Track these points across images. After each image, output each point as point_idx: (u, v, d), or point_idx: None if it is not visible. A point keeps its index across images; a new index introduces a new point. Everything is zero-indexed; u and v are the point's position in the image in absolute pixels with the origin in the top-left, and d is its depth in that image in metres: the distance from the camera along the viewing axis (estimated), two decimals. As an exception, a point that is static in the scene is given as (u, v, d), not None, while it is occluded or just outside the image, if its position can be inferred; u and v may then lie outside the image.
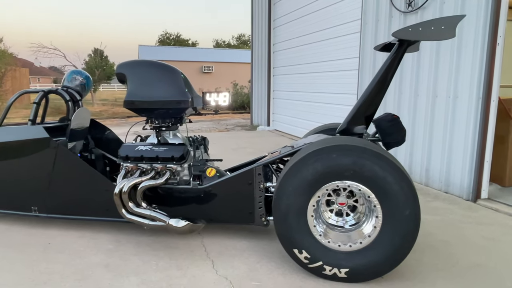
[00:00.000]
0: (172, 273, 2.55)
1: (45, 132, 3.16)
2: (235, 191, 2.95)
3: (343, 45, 6.69)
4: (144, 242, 3.05)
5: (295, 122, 8.92)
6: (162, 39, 58.00)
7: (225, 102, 3.17)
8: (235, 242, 3.02)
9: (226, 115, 16.85)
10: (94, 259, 2.76)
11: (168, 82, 3.09)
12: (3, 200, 3.38)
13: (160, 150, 3.02)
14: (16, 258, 2.79)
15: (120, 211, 2.95)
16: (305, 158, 2.34)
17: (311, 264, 2.40)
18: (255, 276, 2.50)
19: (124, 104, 3.11)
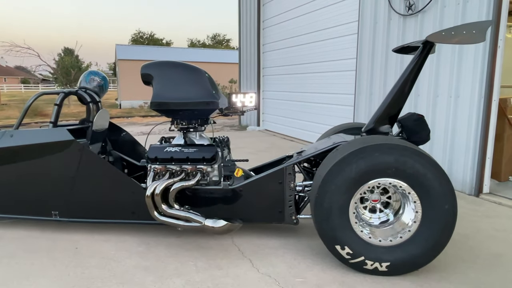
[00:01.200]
0: (214, 273, 2.57)
1: (69, 134, 3.09)
2: (265, 191, 2.99)
3: (338, 47, 6.84)
4: (174, 243, 3.04)
5: (286, 122, 9.03)
6: (135, 38, 56.90)
7: (251, 102, 3.21)
8: (266, 241, 3.07)
9: (209, 115, 16.80)
10: (129, 262, 2.74)
11: (196, 83, 3.10)
12: (22, 205, 3.28)
13: (190, 151, 3.03)
14: (47, 263, 2.73)
15: (152, 214, 2.94)
16: (348, 157, 2.42)
17: (352, 260, 2.49)
18: (296, 273, 2.56)
19: (151, 105, 3.09)
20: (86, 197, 3.18)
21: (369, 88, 5.98)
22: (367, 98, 6.02)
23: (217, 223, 2.75)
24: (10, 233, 3.27)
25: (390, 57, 5.52)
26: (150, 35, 57.12)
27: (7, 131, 3.24)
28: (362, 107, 6.16)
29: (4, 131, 3.25)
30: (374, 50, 5.82)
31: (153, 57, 21.89)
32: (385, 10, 5.57)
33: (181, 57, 22.63)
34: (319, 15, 7.24)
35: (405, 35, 5.25)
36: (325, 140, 3.31)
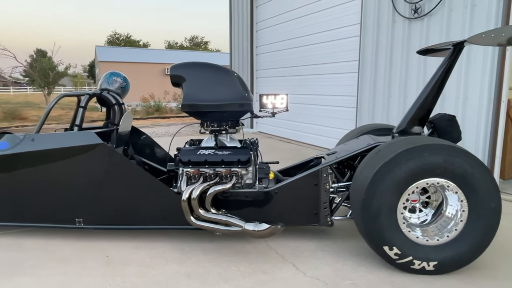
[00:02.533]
0: (260, 277, 2.52)
1: (98, 138, 2.96)
2: (301, 193, 2.97)
3: (339, 49, 6.91)
4: (210, 248, 2.97)
5: (282, 124, 9.03)
6: (111, 40, 55.77)
7: (282, 104, 3.18)
8: (301, 244, 3.04)
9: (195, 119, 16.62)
10: (168, 269, 2.65)
11: (228, 84, 3.05)
12: (42, 212, 3.12)
13: (225, 154, 2.97)
14: (82, 273, 2.60)
15: (188, 218, 2.86)
16: (397, 157, 2.43)
17: (400, 260, 2.50)
18: (343, 275, 2.55)
19: (182, 107, 3.02)
20: (114, 203, 3.06)
21: (372, 90, 6.06)
22: (370, 100, 6.10)
23: (259, 227, 2.71)
24: (30, 243, 3.10)
25: (394, 59, 5.62)
26: (126, 37, 56.14)
27: (28, 134, 3.08)
28: (365, 109, 6.23)
29: (24, 134, 3.09)
30: (378, 53, 5.91)
31: (134, 59, 21.52)
32: (389, 13, 5.67)
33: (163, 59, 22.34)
34: (318, 17, 7.29)
35: (410, 38, 5.36)
36: (355, 141, 3.32)
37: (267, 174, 3.04)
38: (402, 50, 5.49)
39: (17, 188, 3.10)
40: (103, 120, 3.87)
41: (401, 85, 5.55)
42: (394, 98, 5.68)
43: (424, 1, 5.06)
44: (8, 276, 2.58)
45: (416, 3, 5.14)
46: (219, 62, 14.39)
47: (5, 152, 3.05)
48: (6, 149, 3.17)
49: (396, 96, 5.65)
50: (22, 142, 3.04)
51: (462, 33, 4.64)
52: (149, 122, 14.92)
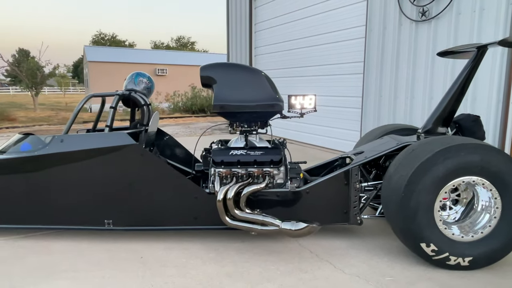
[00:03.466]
0: (301, 276, 2.56)
1: (130, 138, 2.95)
2: (331, 192, 3.02)
3: (343, 50, 6.99)
4: (243, 248, 2.98)
5: (283, 125, 9.07)
6: (96, 40, 54.93)
7: (310, 105, 3.21)
8: (331, 242, 3.08)
9: (189, 119, 16.55)
10: (208, 270, 2.65)
11: (259, 85, 3.07)
12: (69, 214, 3.08)
13: (257, 154, 2.99)
14: (120, 275, 2.59)
15: (223, 218, 2.87)
16: (434, 156, 2.50)
17: (436, 256, 2.56)
18: (381, 272, 2.60)
19: (213, 108, 3.02)
20: (145, 204, 3.04)
21: (378, 91, 6.16)
22: (376, 101, 6.20)
23: (297, 226, 2.73)
24: (58, 246, 3.06)
25: (401, 61, 5.73)
26: (112, 37, 55.40)
27: (56, 136, 3.04)
28: (371, 110, 6.33)
29: (53, 136, 3.05)
30: (384, 54, 6.02)
31: (124, 59, 21.27)
32: (395, 15, 5.78)
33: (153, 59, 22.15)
34: (322, 19, 7.36)
35: (417, 40, 5.48)
36: (379, 141, 3.38)
37: (299, 174, 3.07)
38: (409, 52, 5.60)
39: (44, 189, 3.05)
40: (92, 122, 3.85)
41: (408, 86, 5.66)
42: (401, 99, 5.79)
43: (432, 4, 5.18)
44: (45, 279, 2.54)
45: (424, 6, 5.26)
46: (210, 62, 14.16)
47: (32, 154, 3.01)
48: (29, 150, 3.13)
49: (402, 98, 5.76)
50: (50, 143, 3.00)
51: (470, 37, 4.77)
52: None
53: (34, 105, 19.00)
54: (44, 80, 19.22)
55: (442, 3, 5.07)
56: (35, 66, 18.69)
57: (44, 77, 19.03)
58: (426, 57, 5.38)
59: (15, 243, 3.11)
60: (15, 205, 3.09)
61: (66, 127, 3.11)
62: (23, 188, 3.05)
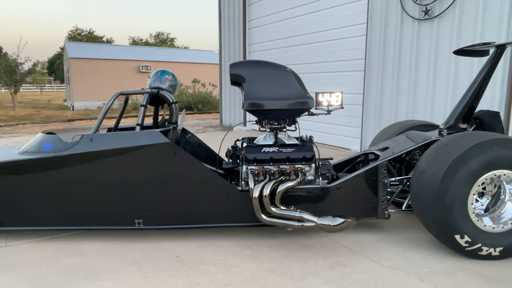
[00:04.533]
0: (342, 270, 2.61)
1: (164, 137, 2.92)
2: (361, 188, 3.09)
3: (342, 48, 7.10)
4: (276, 245, 3.02)
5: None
6: (72, 36, 53.44)
7: (337, 102, 3.27)
8: (360, 236, 3.15)
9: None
10: (249, 266, 2.67)
11: (289, 82, 3.11)
12: (98, 215, 3.03)
13: (290, 151, 3.02)
14: (162, 274, 2.58)
15: (259, 215, 2.89)
16: (469, 152, 2.60)
17: (469, 247, 2.67)
18: (417, 264, 2.68)
19: (245, 105, 3.03)
20: (176, 202, 3.03)
21: (379, 89, 6.29)
22: (378, 97, 6.33)
23: (335, 221, 2.79)
24: (89, 247, 3.01)
25: (403, 59, 5.87)
26: (89, 33, 54.01)
27: (85, 135, 2.98)
28: (372, 107, 6.46)
29: (82, 135, 2.99)
30: (385, 52, 6.14)
31: (108, 56, 20.82)
32: (397, 13, 5.91)
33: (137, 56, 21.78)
34: (321, 16, 7.44)
35: (419, 39, 5.62)
36: (402, 137, 3.47)
37: (330, 170, 3.12)
38: (411, 50, 5.74)
39: (72, 190, 3.00)
40: (80, 120, 3.79)
41: (410, 83, 5.80)
42: (403, 96, 5.93)
43: (435, 3, 5.33)
44: (85, 281, 2.50)
45: (427, 5, 5.40)
46: (200, 59, 14.71)
47: (60, 153, 2.94)
48: (51, 150, 3.06)
49: (405, 95, 5.90)
50: (80, 142, 2.94)
51: (474, 36, 4.94)
52: (130, 121, 14.49)
53: (14, 103, 18.36)
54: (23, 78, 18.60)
55: (445, 2, 5.22)
56: (13, 62, 18.05)
57: (23, 74, 18.40)
58: (428, 55, 5.53)
59: (42, 245, 3.04)
60: (42, 207, 3.01)
61: (95, 126, 3.05)
62: (51, 189, 2.98)
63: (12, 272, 2.62)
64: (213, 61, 23.67)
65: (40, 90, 31.71)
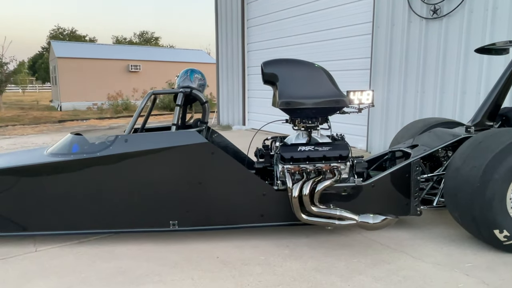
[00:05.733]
0: (387, 267, 2.63)
1: (201, 137, 2.88)
2: (394, 185, 3.12)
3: (348, 46, 7.14)
4: (313, 243, 3.01)
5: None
6: (54, 35, 52.23)
7: (368, 100, 3.28)
8: (393, 234, 3.17)
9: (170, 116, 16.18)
10: (293, 266, 2.66)
11: (323, 81, 3.10)
12: (132, 217, 2.97)
13: (326, 150, 3.02)
14: (207, 276, 2.54)
15: (299, 215, 2.88)
16: (507, 148, 2.65)
17: (508, 241, 2.72)
18: (457, 259, 2.72)
19: (280, 104, 3.01)
20: (212, 203, 2.99)
21: (386, 87, 6.35)
22: (384, 96, 6.39)
23: (376, 219, 2.80)
24: (123, 250, 2.94)
25: (410, 58, 5.93)
26: (71, 32, 52.88)
27: (120, 135, 2.91)
28: (379, 105, 6.51)
29: (116, 135, 2.91)
30: (392, 51, 6.20)
31: (96, 55, 20.43)
32: (404, 12, 5.97)
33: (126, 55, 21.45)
34: (325, 15, 7.47)
35: (427, 38, 5.70)
36: (429, 135, 3.51)
37: (364, 168, 3.14)
38: (419, 49, 5.82)
39: (105, 192, 2.92)
40: (71, 121, 3.72)
41: (417, 82, 5.88)
42: (410, 94, 6.00)
43: (443, 2, 5.41)
44: (130, 286, 2.44)
45: (436, 4, 5.48)
46: (190, 58, 14.80)
47: (94, 155, 2.87)
48: (78, 151, 2.98)
49: (412, 93, 5.97)
50: (114, 143, 2.87)
51: (483, 35, 5.04)
52: (123, 121, 14.29)
53: (-1, 104, 17.83)
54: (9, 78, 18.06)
55: (454, 1, 5.30)
56: (-2, 62, 17.51)
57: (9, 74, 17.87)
58: (437, 54, 5.61)
59: (74, 250, 2.96)
60: (74, 210, 2.93)
61: (129, 126, 2.98)
62: (83, 191, 2.91)
63: (51, 278, 2.54)
64: (204, 60, 23.56)
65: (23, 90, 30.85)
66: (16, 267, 2.70)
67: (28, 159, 2.97)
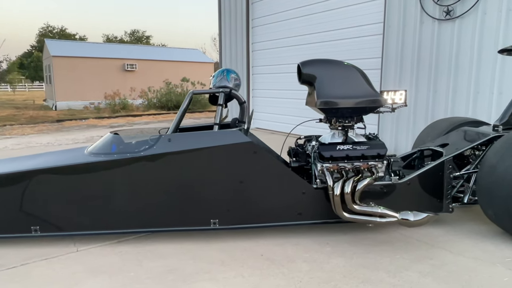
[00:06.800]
0: (431, 262, 2.69)
1: (245, 136, 2.91)
2: (428, 183, 3.19)
3: (356, 47, 7.23)
4: (352, 240, 3.07)
5: (282, 119, 9.19)
6: (43, 33, 51.52)
7: (401, 100, 3.35)
8: (426, 230, 3.24)
9: (168, 116, 16.13)
10: (339, 262, 2.71)
11: (358, 80, 3.16)
12: (175, 216, 2.99)
13: (364, 149, 3.07)
14: (257, 273, 2.58)
15: (340, 213, 2.93)
16: (543, 146, 2.75)
17: (543, 237, 2.82)
18: (495, 254, 2.81)
19: (319, 104, 3.06)
20: (253, 202, 3.03)
21: (397, 87, 6.45)
22: (395, 95, 6.49)
23: (418, 216, 2.86)
24: (164, 249, 2.96)
25: (422, 58, 6.04)
26: (61, 30, 52.24)
27: (163, 135, 2.92)
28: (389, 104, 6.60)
29: (159, 135, 2.93)
30: (404, 51, 6.30)
31: (92, 54, 20.22)
32: (416, 13, 6.07)
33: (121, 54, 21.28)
34: (336, 14, 7.55)
35: (440, 39, 5.81)
36: (457, 134, 3.59)
37: (401, 166, 3.20)
38: (431, 49, 5.92)
39: (147, 191, 2.94)
40: (70, 120, 3.72)
41: (429, 82, 5.99)
42: (422, 94, 6.11)
43: (457, 3, 5.52)
44: (183, 284, 2.47)
45: (449, 5, 5.59)
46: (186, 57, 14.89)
47: (137, 154, 2.88)
48: (119, 151, 2.99)
49: (424, 92, 6.08)
50: (157, 143, 2.89)
51: (496, 37, 5.16)
52: (122, 121, 14.19)
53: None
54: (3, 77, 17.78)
55: (467, 2, 5.41)
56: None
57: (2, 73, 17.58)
58: (449, 55, 5.71)
59: (115, 249, 2.97)
60: (115, 209, 2.94)
61: (173, 125, 2.99)
62: (126, 190, 2.92)
63: (101, 277, 2.55)
64: (200, 60, 23.50)
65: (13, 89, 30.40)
66: (62, 267, 2.70)
67: (69, 159, 2.97)
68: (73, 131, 11.18)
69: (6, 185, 2.85)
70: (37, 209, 2.90)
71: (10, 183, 2.84)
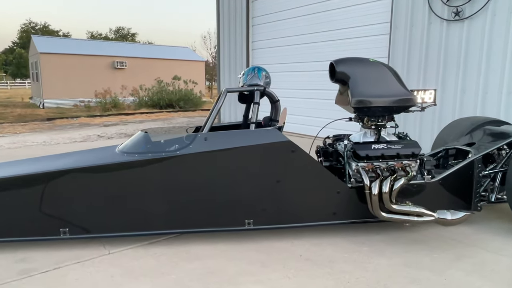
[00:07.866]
0: (470, 260, 2.71)
1: (283, 135, 2.87)
2: (459, 182, 3.21)
3: (359, 46, 7.26)
4: (388, 240, 3.07)
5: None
6: (25, 29, 50.20)
7: (430, 99, 3.36)
8: (456, 229, 3.24)
9: (161, 114, 15.91)
10: (380, 262, 2.70)
11: (391, 79, 3.16)
12: (210, 216, 2.92)
13: (399, 148, 3.07)
14: (301, 274, 2.54)
15: (378, 212, 2.92)
16: None
17: None
18: (527, 252, 2.85)
19: (354, 103, 3.04)
20: (288, 202, 2.99)
21: (404, 86, 6.50)
22: (402, 94, 6.54)
23: (456, 215, 2.88)
24: (198, 250, 2.89)
25: (430, 59, 6.10)
26: (44, 26, 50.97)
27: (199, 134, 2.85)
28: (396, 103, 6.65)
29: (195, 134, 2.86)
30: (411, 52, 6.35)
31: (81, 51, 19.80)
32: (424, 13, 6.13)
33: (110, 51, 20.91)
34: (341, 14, 7.56)
35: (448, 39, 5.87)
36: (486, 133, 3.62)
37: (433, 165, 3.21)
38: (439, 50, 5.98)
39: (182, 191, 2.86)
40: (61, 118, 3.64)
41: (437, 82, 6.05)
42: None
43: (466, 4, 5.59)
44: (229, 285, 2.42)
45: (458, 6, 5.66)
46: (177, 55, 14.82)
47: (173, 153, 2.80)
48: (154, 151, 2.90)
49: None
50: (194, 142, 2.82)
51: (506, 38, 5.25)
52: (115, 119, 13.92)
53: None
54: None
55: (477, 3, 5.49)
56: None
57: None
58: (458, 56, 5.79)
59: (149, 251, 2.88)
60: (147, 209, 2.86)
61: (208, 124, 2.92)
62: (160, 190, 2.84)
63: (143, 280, 2.47)
64: (190, 58, 23.28)
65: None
66: (97, 270, 2.61)
67: (102, 158, 2.86)
68: (66, 129, 10.91)
69: (35, 185, 2.73)
70: (66, 210, 2.79)
71: (39, 183, 2.73)
